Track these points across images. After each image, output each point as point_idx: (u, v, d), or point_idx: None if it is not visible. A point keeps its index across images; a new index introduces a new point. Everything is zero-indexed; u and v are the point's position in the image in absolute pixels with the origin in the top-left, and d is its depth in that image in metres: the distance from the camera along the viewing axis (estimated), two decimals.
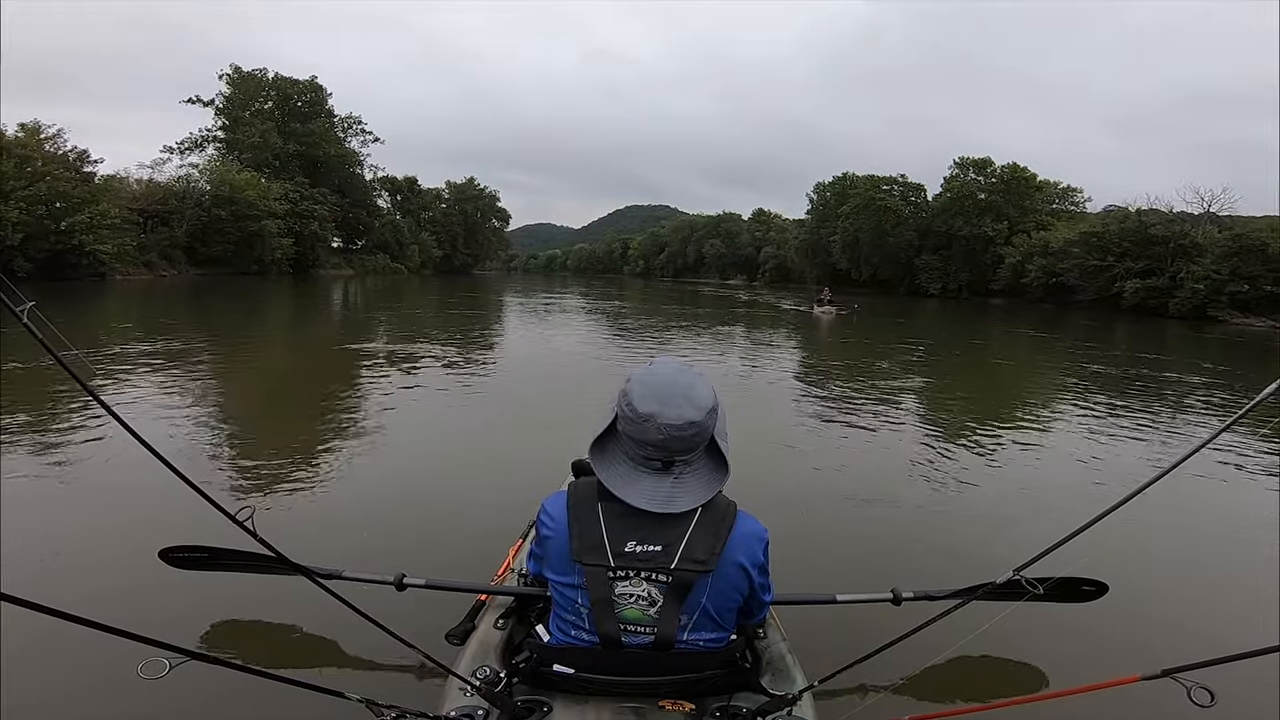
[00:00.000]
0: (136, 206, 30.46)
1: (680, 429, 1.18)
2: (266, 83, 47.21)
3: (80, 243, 24.11)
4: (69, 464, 3.80)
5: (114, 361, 7.21)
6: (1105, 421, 6.31)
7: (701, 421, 1.20)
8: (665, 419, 1.18)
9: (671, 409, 1.19)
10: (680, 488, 1.21)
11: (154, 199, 32.54)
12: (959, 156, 47.23)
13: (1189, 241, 30.22)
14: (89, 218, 24.48)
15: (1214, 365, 12.51)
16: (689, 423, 1.18)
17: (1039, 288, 36.77)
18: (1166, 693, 1.15)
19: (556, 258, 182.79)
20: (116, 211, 26.58)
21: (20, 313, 1.03)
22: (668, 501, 1.20)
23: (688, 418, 1.19)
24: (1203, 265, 28.60)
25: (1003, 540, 3.23)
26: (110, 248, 25.34)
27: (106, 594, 2.28)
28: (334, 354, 9.53)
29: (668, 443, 1.19)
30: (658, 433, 1.18)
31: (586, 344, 12.18)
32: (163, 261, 31.01)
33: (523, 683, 1.30)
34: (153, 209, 31.95)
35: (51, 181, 23.95)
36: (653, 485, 1.21)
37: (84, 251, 24.31)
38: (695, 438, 1.20)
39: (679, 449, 1.20)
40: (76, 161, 26.66)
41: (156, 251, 30.95)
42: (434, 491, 3.74)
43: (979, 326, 21.56)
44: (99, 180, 28.18)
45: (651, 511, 1.19)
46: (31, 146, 24.56)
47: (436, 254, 61.83)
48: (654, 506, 1.19)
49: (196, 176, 35.77)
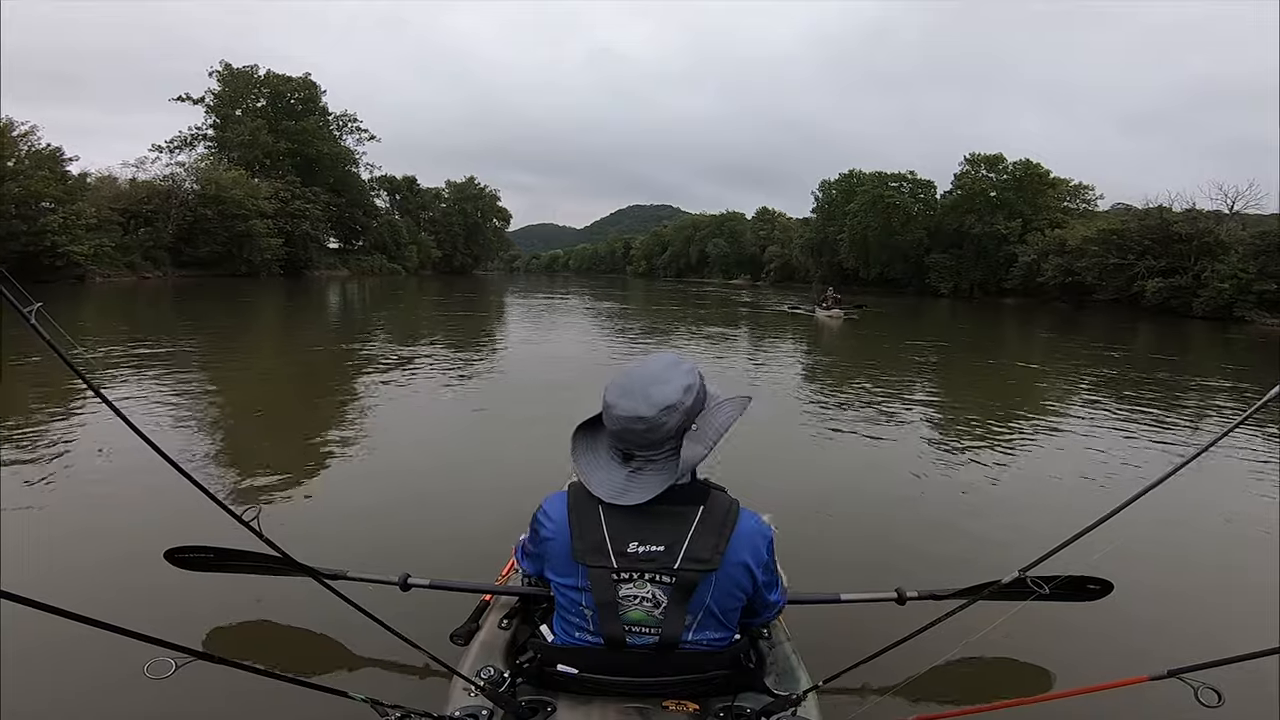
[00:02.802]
0: (118, 206, 30.22)
1: (629, 422, 1.23)
2: (258, 80, 47.21)
3: (54, 243, 23.78)
4: (74, 464, 3.87)
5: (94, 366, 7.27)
6: (1117, 423, 6.33)
7: (651, 418, 1.22)
8: (619, 410, 1.24)
9: (626, 401, 1.23)
10: (635, 481, 1.25)
11: (137, 198, 32.24)
12: (970, 153, 47.04)
13: (1213, 239, 29.85)
14: (62, 218, 24.19)
15: (1238, 367, 12.43)
16: (638, 417, 1.22)
17: (1055, 287, 36.62)
18: (1174, 693, 1.17)
19: (558, 258, 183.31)
20: (93, 211, 26.28)
21: (28, 313, 1.06)
22: (620, 493, 1.24)
23: (638, 413, 1.22)
24: (1228, 263, 28.20)
25: (1008, 539, 3.27)
26: (86, 249, 25.01)
27: (112, 594, 2.33)
28: (332, 355, 9.57)
29: (622, 434, 1.24)
30: (615, 423, 1.25)
31: (586, 345, 12.24)
32: (146, 263, 30.81)
33: (527, 683, 1.33)
34: (136, 209, 31.69)
35: (23, 181, 23.59)
36: (613, 475, 1.26)
37: (57, 253, 23.94)
38: (646, 434, 1.22)
39: (634, 442, 1.24)
40: (50, 160, 26.19)
41: (139, 253, 30.74)
42: (437, 491, 3.80)
43: (994, 328, 21.50)
44: (75, 180, 27.71)
45: (651, 511, 1.22)
46: (4, 145, 24.16)
47: (436, 254, 61.97)
48: (608, 496, 1.23)
49: (182, 175, 35.61)
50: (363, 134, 53.48)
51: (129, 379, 6.50)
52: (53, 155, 26.62)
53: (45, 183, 24.70)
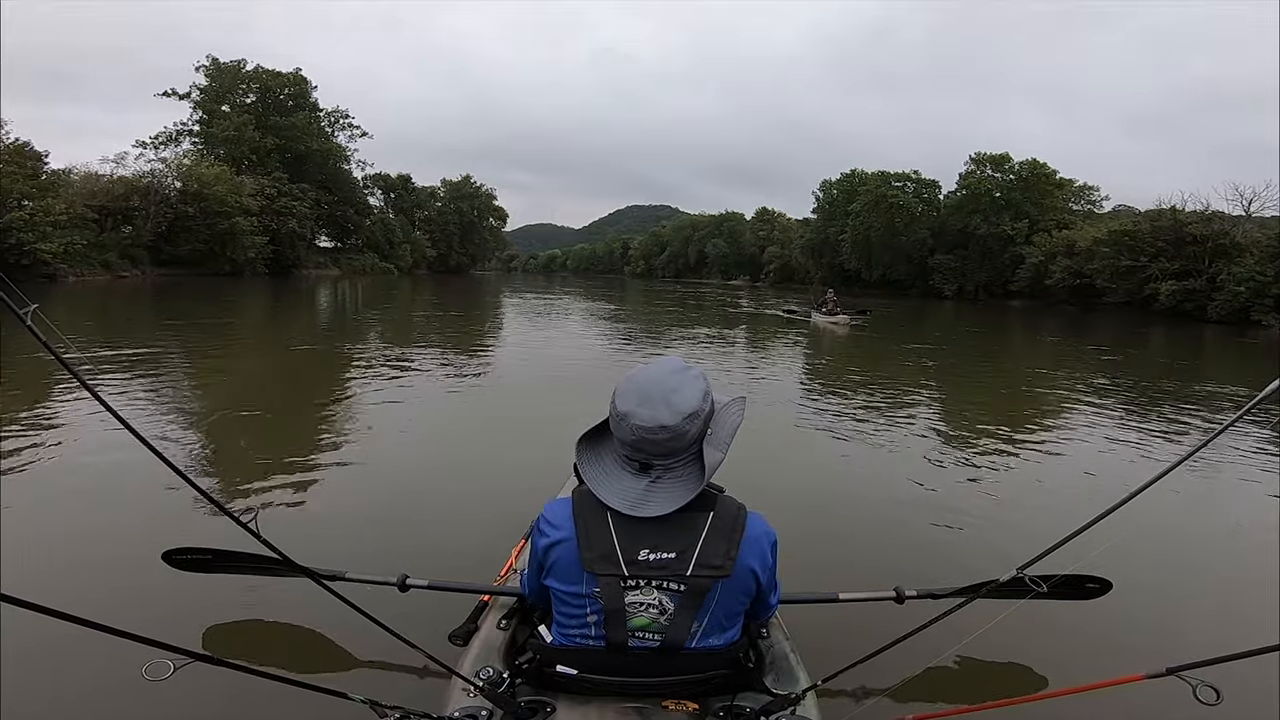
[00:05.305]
0: (94, 204, 29.82)
1: (651, 431, 1.21)
2: (246, 75, 47.08)
3: (20, 241, 23.40)
4: (70, 466, 3.90)
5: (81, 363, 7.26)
6: (1120, 425, 6.40)
7: (675, 426, 1.20)
8: (638, 419, 1.21)
9: (646, 410, 1.21)
10: (655, 492, 1.23)
11: (114, 195, 31.84)
12: (975, 152, 47.16)
13: (1228, 241, 29.77)
14: (29, 214, 23.84)
15: (1253, 372, 12.44)
16: (660, 426, 1.20)
17: (1063, 289, 36.70)
18: (1171, 691, 1.19)
19: (556, 258, 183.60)
20: (63, 208, 25.80)
21: (24, 315, 1.10)
22: (639, 504, 1.22)
23: (660, 421, 1.20)
24: (1244, 266, 28.00)
25: (1006, 538, 3.33)
26: (55, 246, 24.58)
27: (110, 596, 2.36)
28: (325, 356, 9.61)
29: (640, 444, 1.22)
30: (630, 433, 1.22)
31: (586, 345, 12.30)
32: (123, 261, 30.45)
33: (526, 683, 1.36)
34: (114, 205, 31.39)
35: None
36: (628, 486, 1.24)
37: (24, 251, 23.50)
38: (669, 442, 1.21)
39: (653, 452, 1.23)
40: (18, 155, 25.74)
41: (116, 251, 30.40)
42: (436, 492, 3.85)
43: (1000, 331, 21.54)
44: (48, 176, 27.31)
45: (659, 517, 1.22)
46: None
47: (430, 253, 62.07)
48: (624, 508, 1.22)
49: (163, 171, 35.24)
50: (354, 130, 53.65)
51: (117, 381, 6.50)
52: (20, 150, 26.18)
53: (13, 179, 24.33)
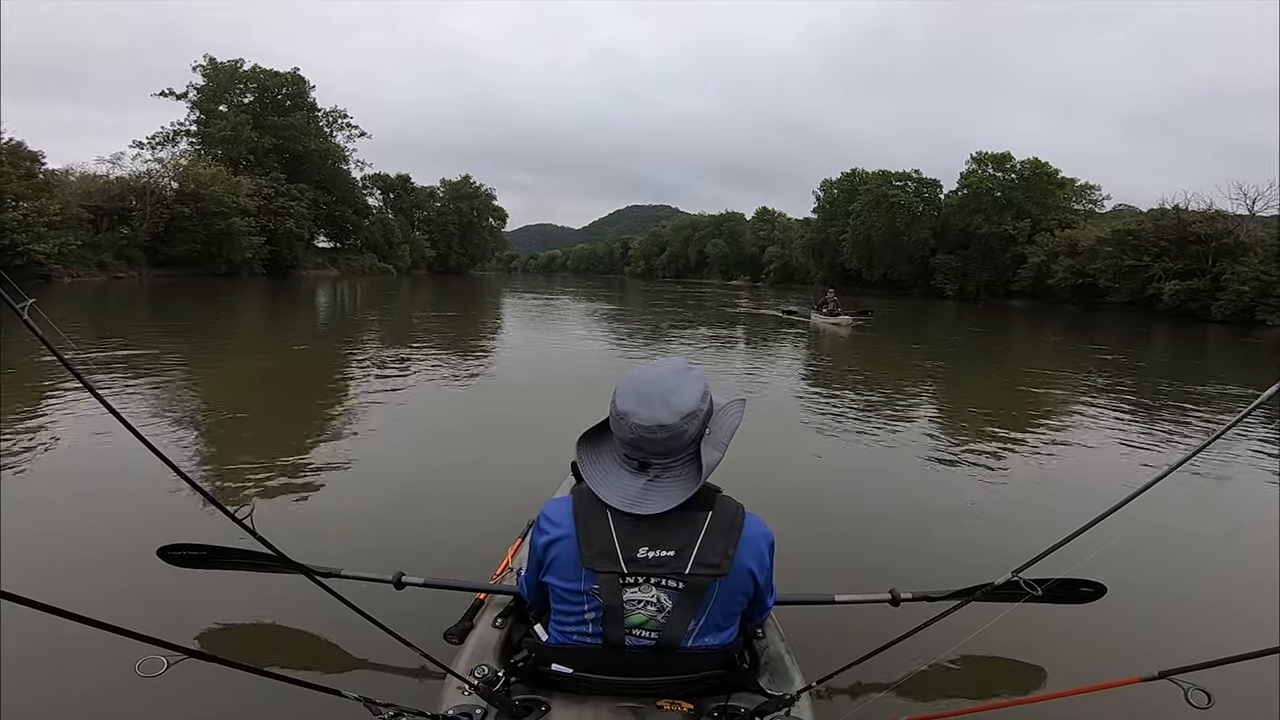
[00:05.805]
0: (89, 204, 29.85)
1: (649, 430, 1.24)
2: (243, 75, 47.12)
3: (13, 241, 23.39)
4: (67, 462, 3.93)
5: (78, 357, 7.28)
6: (1119, 427, 6.41)
7: (673, 426, 1.23)
8: (637, 419, 1.24)
9: (645, 409, 1.24)
10: (653, 490, 1.26)
11: (111, 195, 31.90)
12: (976, 152, 47.23)
13: (1232, 240, 29.77)
14: (22, 215, 23.88)
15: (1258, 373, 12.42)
16: (659, 425, 1.23)
17: (1065, 289, 36.75)
18: (1164, 694, 1.21)
19: (556, 258, 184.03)
20: (57, 208, 25.85)
21: (20, 309, 1.09)
22: (637, 501, 1.25)
23: (659, 420, 1.23)
24: (1249, 265, 28.01)
25: (1004, 540, 3.35)
26: (49, 247, 24.62)
27: (105, 592, 2.37)
28: (323, 356, 9.64)
29: (638, 443, 1.25)
30: (630, 431, 1.25)
31: (584, 345, 12.33)
32: (119, 262, 30.49)
33: (521, 682, 1.37)
34: (110, 206, 31.40)
35: None
36: (626, 484, 1.27)
37: (17, 251, 23.43)
38: (667, 441, 1.24)
39: (651, 450, 1.25)
40: (12, 156, 25.80)
41: (112, 251, 30.42)
42: (432, 491, 3.87)
43: (1001, 331, 21.53)
44: (43, 176, 27.43)
45: (659, 515, 1.24)
46: None
47: (430, 254, 62.21)
48: (623, 505, 1.25)
49: (160, 171, 35.29)
50: (353, 130, 53.70)
51: (113, 380, 6.51)
52: (15, 151, 26.26)
53: (8, 180, 24.37)
